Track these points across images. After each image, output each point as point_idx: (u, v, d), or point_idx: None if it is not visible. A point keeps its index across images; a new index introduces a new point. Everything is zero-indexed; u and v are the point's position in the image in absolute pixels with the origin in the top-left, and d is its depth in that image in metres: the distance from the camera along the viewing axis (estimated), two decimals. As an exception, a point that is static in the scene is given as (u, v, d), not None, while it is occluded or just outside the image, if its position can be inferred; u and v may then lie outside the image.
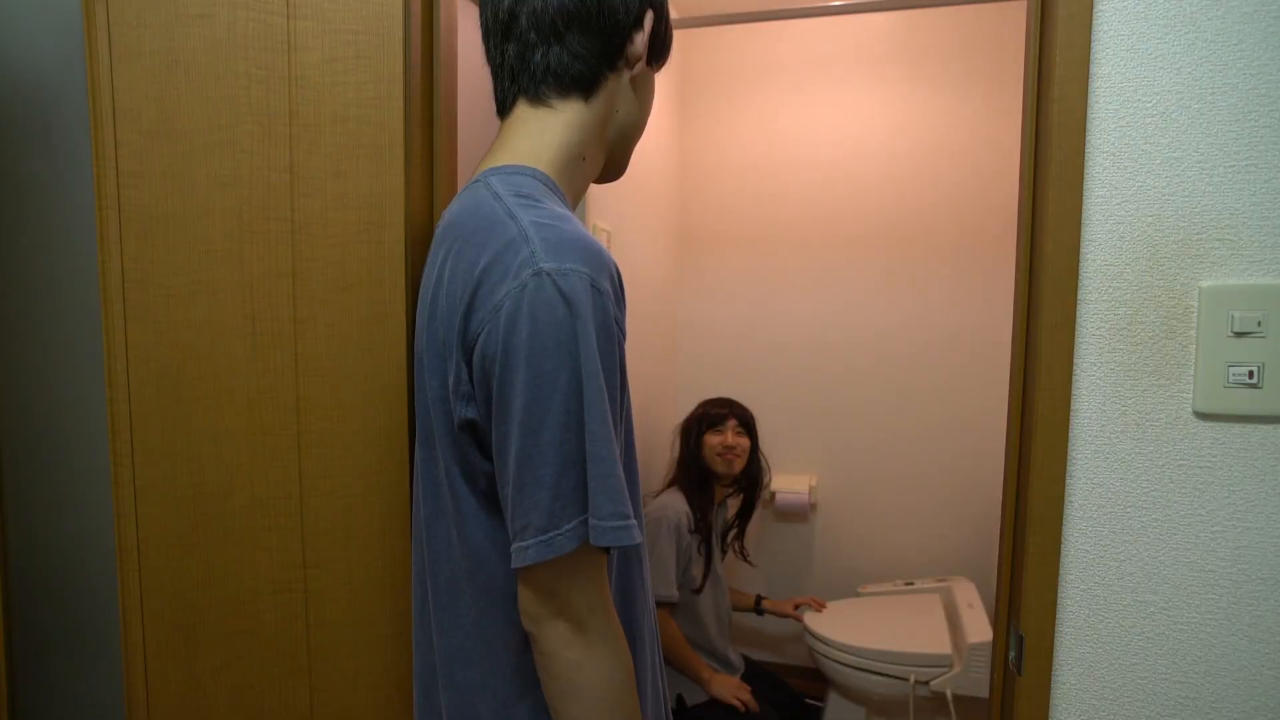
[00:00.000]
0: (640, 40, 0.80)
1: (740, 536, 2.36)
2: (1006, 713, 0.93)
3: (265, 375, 0.95)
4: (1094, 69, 0.82)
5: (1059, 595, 0.87)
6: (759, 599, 2.46)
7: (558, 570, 0.69)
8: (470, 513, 0.75)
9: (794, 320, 2.73)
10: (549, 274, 0.66)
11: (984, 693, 2.02)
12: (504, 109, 0.83)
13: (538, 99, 0.79)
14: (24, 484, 1.13)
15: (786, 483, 2.71)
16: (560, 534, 0.67)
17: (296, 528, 0.96)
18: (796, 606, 2.40)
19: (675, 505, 2.11)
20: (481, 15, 0.83)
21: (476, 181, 0.78)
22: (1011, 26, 2.46)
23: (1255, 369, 0.80)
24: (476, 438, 0.73)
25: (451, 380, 0.72)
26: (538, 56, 0.78)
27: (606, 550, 0.73)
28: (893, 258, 2.62)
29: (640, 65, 0.82)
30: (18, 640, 1.12)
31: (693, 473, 2.21)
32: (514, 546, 0.70)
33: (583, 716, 0.70)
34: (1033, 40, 0.87)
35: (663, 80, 2.53)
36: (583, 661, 0.70)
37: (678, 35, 2.69)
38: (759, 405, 2.67)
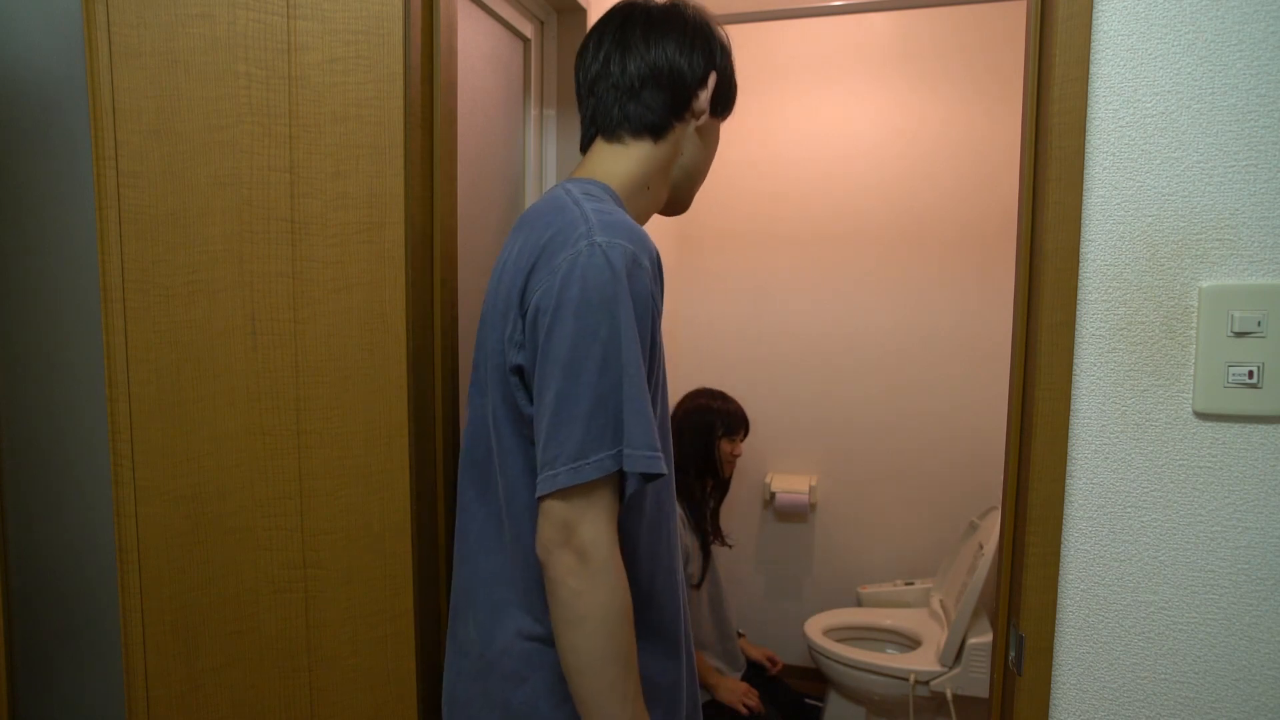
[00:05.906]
0: (704, 97, 0.94)
1: (716, 519, 2.30)
2: (1006, 713, 0.93)
3: (265, 375, 0.95)
4: (1094, 69, 0.82)
5: (1059, 595, 0.87)
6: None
7: (575, 502, 0.78)
8: (510, 449, 0.87)
9: (794, 320, 2.73)
10: (600, 245, 0.79)
11: (984, 693, 2.02)
12: (584, 146, 0.98)
13: (613, 138, 0.94)
14: (24, 484, 1.13)
15: (786, 483, 2.71)
16: (588, 463, 0.77)
17: (297, 528, 0.97)
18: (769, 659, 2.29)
19: None
20: (575, 76, 0.99)
21: (554, 186, 0.93)
22: (1011, 26, 2.46)
23: (1255, 369, 0.80)
24: (523, 383, 0.85)
25: (508, 331, 0.85)
26: (615, 110, 0.94)
27: (621, 493, 0.81)
28: (893, 257, 2.62)
29: (704, 117, 0.96)
30: (18, 640, 1.12)
31: (692, 471, 2.19)
32: (543, 475, 0.79)
33: (580, 642, 0.78)
34: (1033, 40, 0.87)
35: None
36: (583, 590, 0.78)
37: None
38: (759, 405, 2.67)
